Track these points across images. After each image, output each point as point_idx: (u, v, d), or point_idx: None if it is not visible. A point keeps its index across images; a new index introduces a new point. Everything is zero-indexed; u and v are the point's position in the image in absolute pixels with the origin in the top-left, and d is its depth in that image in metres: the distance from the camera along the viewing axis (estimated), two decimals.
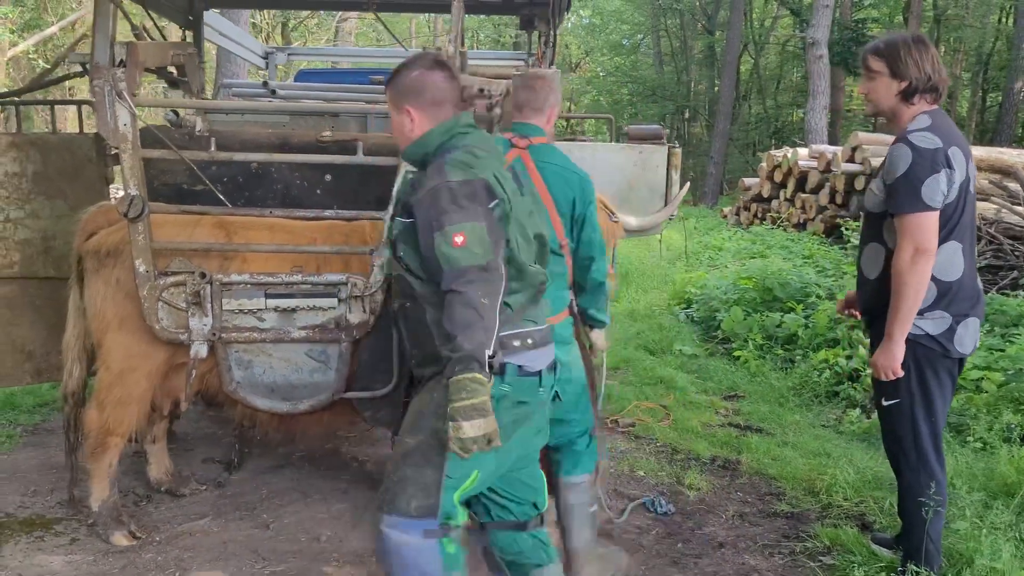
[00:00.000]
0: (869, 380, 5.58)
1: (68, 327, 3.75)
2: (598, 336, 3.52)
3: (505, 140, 3.21)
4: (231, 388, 3.66)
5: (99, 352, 3.62)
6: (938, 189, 2.99)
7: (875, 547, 3.57)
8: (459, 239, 2.30)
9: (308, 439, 3.97)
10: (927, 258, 3.00)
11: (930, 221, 3.01)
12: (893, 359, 3.09)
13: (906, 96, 3.14)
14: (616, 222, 3.92)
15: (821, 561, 3.62)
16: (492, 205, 2.38)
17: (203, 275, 3.50)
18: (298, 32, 24.55)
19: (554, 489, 3.27)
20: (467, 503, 2.57)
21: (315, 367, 3.68)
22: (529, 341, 2.46)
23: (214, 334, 3.55)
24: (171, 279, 3.50)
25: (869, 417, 5.32)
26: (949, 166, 3.00)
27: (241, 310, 3.55)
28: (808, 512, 4.14)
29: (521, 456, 2.62)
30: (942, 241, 3.07)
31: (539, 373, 2.48)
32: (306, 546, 3.66)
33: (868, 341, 3.90)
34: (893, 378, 3.14)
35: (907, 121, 3.14)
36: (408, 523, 2.44)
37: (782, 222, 13.25)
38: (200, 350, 3.54)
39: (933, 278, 3.08)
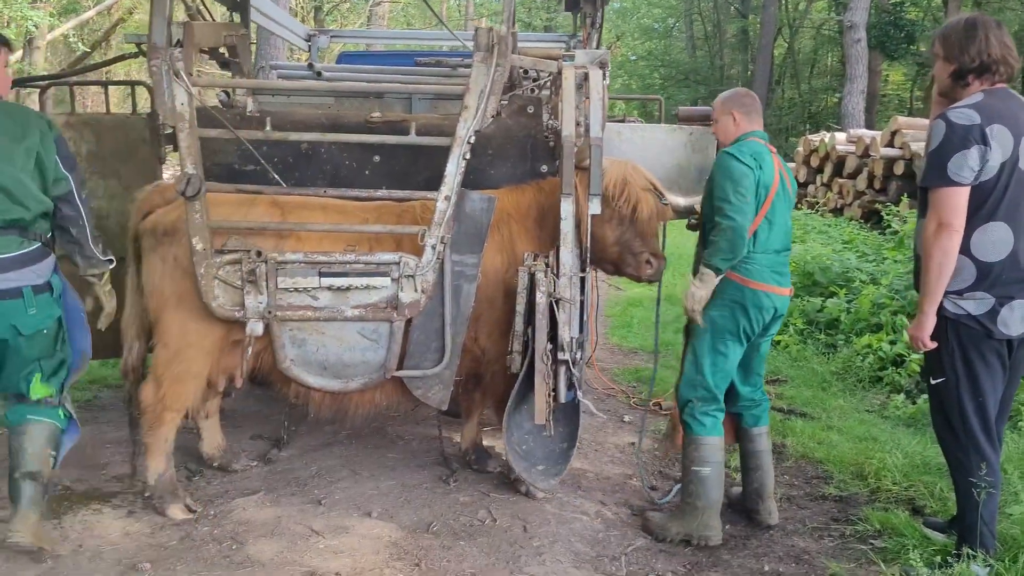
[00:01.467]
0: (914, 366, 5.55)
1: (127, 305, 3.81)
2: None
3: (764, 147, 3.62)
4: (285, 366, 3.71)
5: (156, 329, 3.68)
6: (966, 165, 2.96)
7: (927, 531, 3.55)
8: None
9: (357, 417, 4.00)
10: (949, 233, 2.99)
11: (954, 196, 2.99)
12: (922, 331, 3.16)
13: (956, 78, 3.14)
14: (666, 204, 3.91)
15: (872, 544, 3.60)
16: None
17: (259, 254, 3.54)
18: (332, 17, 24.61)
19: (740, 439, 3.90)
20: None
21: (367, 345, 3.72)
22: None
23: (269, 312, 3.60)
24: (227, 257, 3.55)
25: (914, 403, 5.27)
26: (984, 143, 2.95)
27: (295, 288, 3.59)
28: (857, 496, 4.12)
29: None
30: (983, 220, 3.04)
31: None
32: (358, 521, 3.70)
33: None
34: (923, 349, 3.20)
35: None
36: None
37: (819, 207, 13.11)
38: (255, 328, 3.60)
39: (972, 258, 3.06)
